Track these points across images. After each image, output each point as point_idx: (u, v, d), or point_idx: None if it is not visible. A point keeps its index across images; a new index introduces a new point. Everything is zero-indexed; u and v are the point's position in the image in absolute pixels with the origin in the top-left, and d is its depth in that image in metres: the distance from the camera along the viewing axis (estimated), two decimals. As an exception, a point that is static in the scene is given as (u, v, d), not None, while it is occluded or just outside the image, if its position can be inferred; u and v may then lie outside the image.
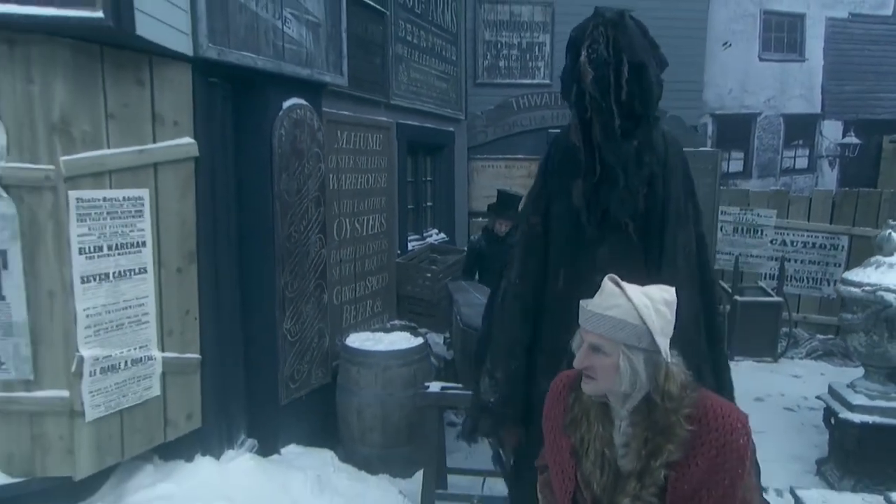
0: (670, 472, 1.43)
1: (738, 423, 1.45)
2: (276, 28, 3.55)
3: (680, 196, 2.31)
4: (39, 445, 2.75)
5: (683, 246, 2.29)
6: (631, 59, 2.19)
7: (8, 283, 2.63)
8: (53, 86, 2.54)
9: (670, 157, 2.32)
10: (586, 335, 1.51)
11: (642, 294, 1.48)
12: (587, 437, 1.56)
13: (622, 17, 2.25)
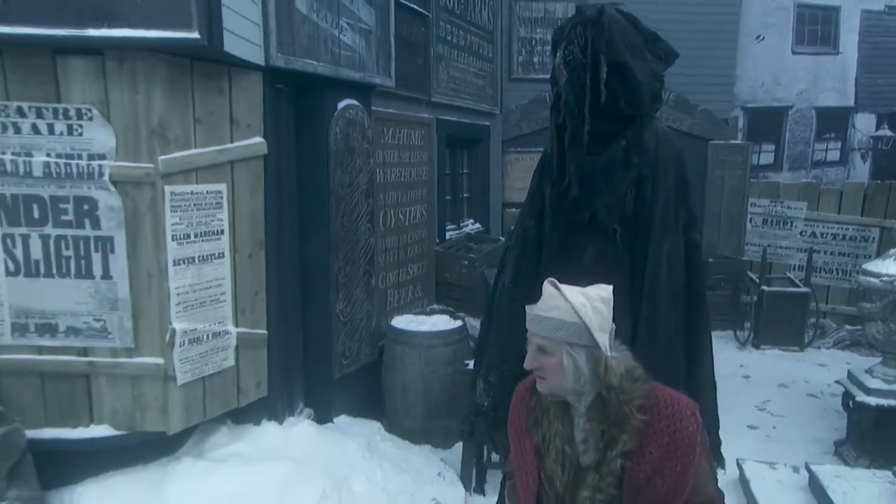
0: (626, 462, 1.48)
1: (686, 411, 1.51)
2: (333, 36, 3.90)
3: (669, 201, 2.22)
4: (139, 404, 3.20)
5: (668, 255, 2.19)
6: (610, 60, 2.13)
7: (114, 266, 3.07)
8: (153, 95, 2.94)
9: (661, 157, 2.22)
10: (532, 337, 1.56)
11: (580, 294, 1.53)
12: (548, 436, 1.60)
13: (600, 14, 2.18)
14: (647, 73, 2.21)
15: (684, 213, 2.28)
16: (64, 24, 2.71)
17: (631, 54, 2.18)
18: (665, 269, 2.21)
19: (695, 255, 2.31)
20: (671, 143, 2.29)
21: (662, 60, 2.36)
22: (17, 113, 2.90)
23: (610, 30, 2.18)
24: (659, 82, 2.30)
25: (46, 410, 3.17)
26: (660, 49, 2.34)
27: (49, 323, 3.10)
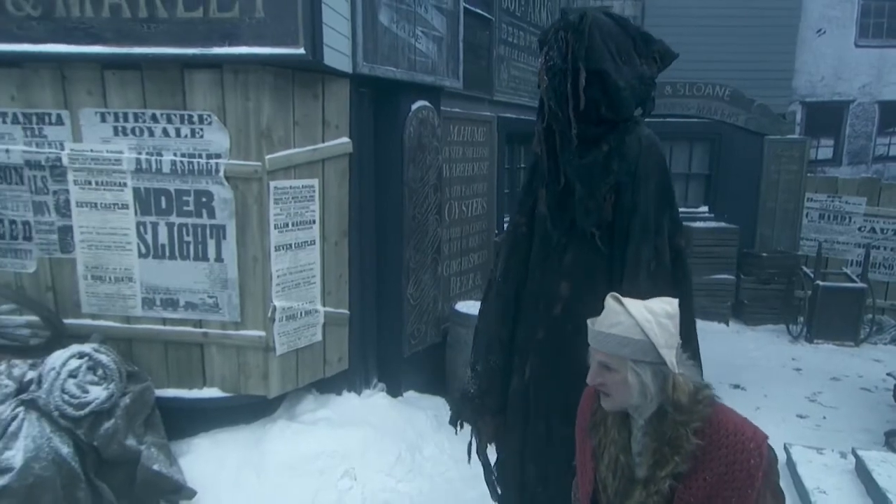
0: (676, 484, 1.44)
1: (750, 444, 1.43)
2: (409, 44, 4.28)
3: (649, 207, 2.17)
4: (243, 371, 3.68)
5: (647, 261, 2.16)
6: (589, 67, 2.09)
7: (225, 250, 3.55)
8: (262, 102, 3.39)
9: (642, 164, 2.18)
10: (595, 353, 1.52)
11: (644, 309, 1.48)
12: (604, 442, 1.59)
13: (581, 20, 2.15)
14: (632, 78, 2.16)
15: (668, 221, 2.21)
16: (193, 45, 3.18)
17: (615, 60, 2.14)
18: (644, 274, 2.15)
19: (679, 262, 2.24)
20: (655, 150, 2.22)
21: (657, 62, 2.30)
22: (152, 119, 3.40)
23: (591, 36, 2.12)
24: (647, 86, 2.23)
25: (168, 373, 3.69)
26: (653, 51, 2.28)
27: (172, 298, 3.61)
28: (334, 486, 3.65)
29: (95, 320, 3.64)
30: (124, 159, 3.44)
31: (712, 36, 8.06)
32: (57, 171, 3.48)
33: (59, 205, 3.54)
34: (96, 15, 3.16)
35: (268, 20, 3.17)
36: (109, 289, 3.61)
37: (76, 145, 3.44)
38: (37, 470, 2.86)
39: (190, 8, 3.17)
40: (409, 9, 4.19)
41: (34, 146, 3.46)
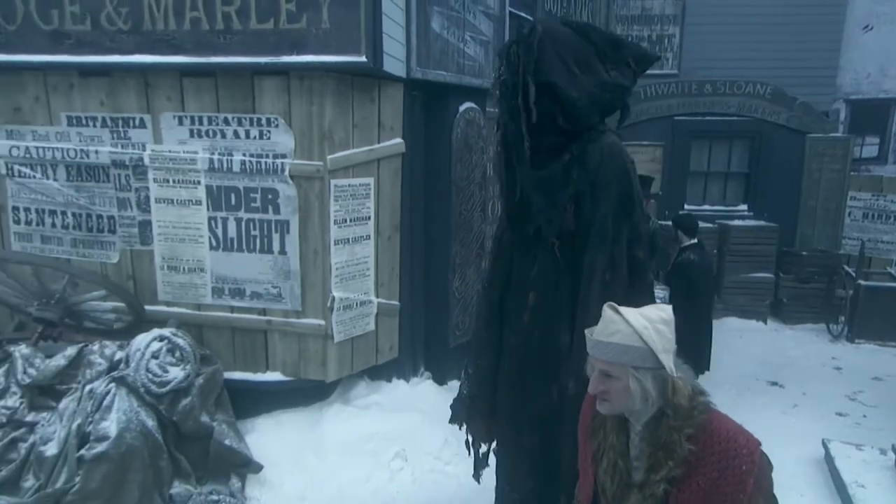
0: (671, 489, 1.48)
1: (743, 450, 1.46)
2: (459, 49, 4.48)
3: (607, 216, 2.15)
4: (303, 357, 3.95)
5: (602, 271, 2.14)
6: (538, 80, 2.08)
7: (289, 243, 3.82)
8: (325, 106, 3.64)
9: (602, 173, 2.16)
10: (595, 362, 1.56)
11: (640, 316, 1.53)
12: (603, 446, 1.63)
13: (530, 34, 2.15)
14: (593, 87, 2.14)
15: (627, 230, 2.17)
16: (264, 54, 3.44)
17: (570, 70, 2.11)
18: (598, 285, 2.13)
19: (639, 272, 2.20)
20: (617, 158, 2.19)
21: (631, 67, 2.26)
22: (224, 122, 3.69)
23: (541, 48, 2.11)
24: (613, 93, 2.19)
25: (235, 357, 3.99)
26: (625, 56, 2.24)
27: (239, 288, 3.90)
28: (387, 466, 3.89)
29: (170, 307, 3.96)
30: (199, 159, 3.73)
31: (754, 34, 8.05)
32: (139, 170, 3.80)
33: (140, 201, 3.86)
34: (178, 28, 3.45)
35: (333, 30, 3.41)
36: (183, 278, 3.93)
37: (156, 146, 3.76)
38: (128, 439, 3.17)
39: (262, 20, 3.43)
40: (458, 15, 4.40)
41: (119, 147, 3.78)
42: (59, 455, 3.08)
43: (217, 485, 3.57)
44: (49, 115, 3.78)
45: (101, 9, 3.47)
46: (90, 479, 3.04)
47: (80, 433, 3.14)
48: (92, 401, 3.26)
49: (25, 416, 3.19)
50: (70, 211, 3.91)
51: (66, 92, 3.73)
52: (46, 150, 3.82)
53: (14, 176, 3.87)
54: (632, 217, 2.19)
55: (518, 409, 2.48)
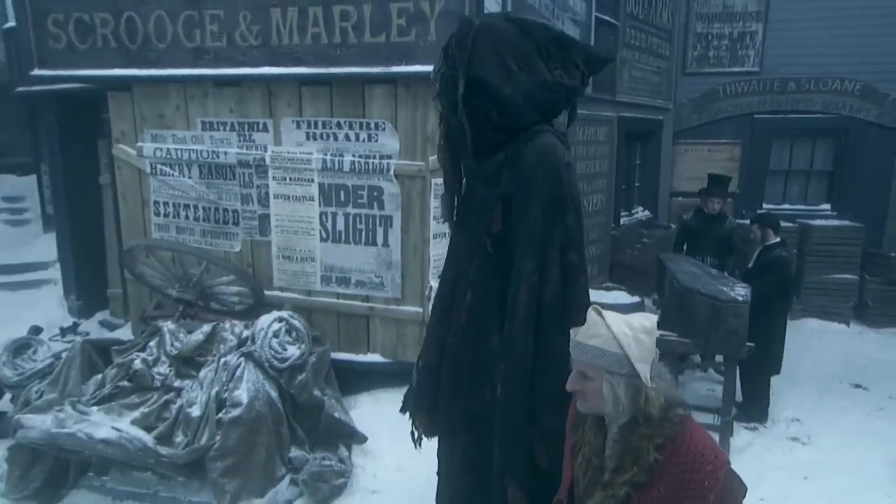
0: (634, 493, 1.52)
1: (707, 466, 1.48)
2: (547, 55, 4.72)
3: (537, 220, 2.06)
4: (401, 341, 4.32)
5: (529, 274, 2.07)
6: (470, 75, 2.05)
7: (391, 237, 4.18)
8: (428, 112, 3.97)
9: (532, 174, 2.07)
10: (574, 362, 1.59)
11: (623, 323, 1.53)
12: (580, 442, 1.67)
13: (467, 28, 2.12)
14: (530, 85, 2.07)
15: (560, 234, 2.08)
16: (376, 64, 3.81)
17: (506, 67, 2.05)
18: (524, 290, 2.07)
19: (571, 278, 2.11)
20: (549, 160, 2.07)
21: (579, 67, 2.18)
22: (337, 126, 4.09)
23: (476, 43, 2.08)
24: (552, 93, 2.12)
25: (340, 339, 4.41)
26: (572, 55, 2.16)
27: (345, 276, 4.31)
28: (476, 444, 4.20)
29: (283, 292, 4.41)
30: (313, 159, 4.15)
31: (841, 28, 7.82)
32: (261, 169, 4.26)
33: (261, 197, 4.32)
34: (301, 42, 3.87)
35: (439, 42, 3.70)
36: (295, 267, 4.37)
37: (276, 148, 4.20)
38: (257, 406, 3.61)
39: (375, 34, 3.80)
40: (547, 22, 4.63)
41: (245, 149, 4.25)
42: (202, 417, 3.56)
43: (327, 452, 3.98)
44: (187, 120, 4.30)
45: (235, 27, 3.93)
46: (228, 439, 3.49)
47: (217, 399, 3.61)
48: (226, 372, 3.73)
49: (174, 381, 3.69)
50: (201, 205, 4.43)
51: (202, 100, 4.23)
52: (183, 152, 4.34)
53: (156, 174, 4.42)
54: (564, 220, 2.09)
55: (453, 408, 2.46)
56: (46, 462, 3.53)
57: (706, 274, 5.15)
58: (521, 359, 2.11)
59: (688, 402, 1.63)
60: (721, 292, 4.44)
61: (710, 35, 7.90)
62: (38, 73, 4.25)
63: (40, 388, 3.90)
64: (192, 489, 3.62)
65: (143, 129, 4.41)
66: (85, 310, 6.24)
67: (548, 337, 2.10)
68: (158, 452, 3.37)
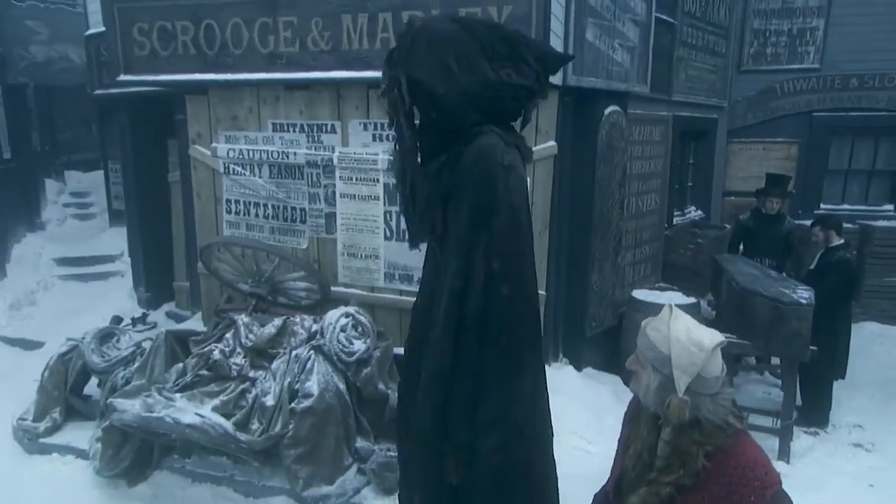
0: (678, 495, 1.58)
1: (755, 482, 1.52)
2: (608, 56, 4.74)
3: (464, 222, 2.01)
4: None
5: (453, 277, 2.01)
6: (408, 75, 2.04)
7: (454, 236, 4.28)
8: (492, 114, 4.05)
9: (467, 177, 2.03)
10: (637, 343, 1.70)
11: (684, 329, 1.60)
12: (633, 436, 1.74)
13: (408, 28, 2.11)
14: (471, 85, 2.03)
15: (485, 239, 2.00)
16: (444, 68, 3.90)
17: (446, 67, 2.02)
18: (447, 295, 2.02)
19: (492, 286, 2.00)
20: (484, 162, 2.01)
21: (531, 65, 2.13)
22: (403, 128, 4.20)
23: (415, 44, 2.05)
24: (496, 92, 2.06)
25: (401, 335, 4.52)
26: (522, 54, 2.11)
27: (408, 274, 4.43)
28: (535, 440, 4.28)
29: (348, 289, 4.57)
30: (379, 160, 4.29)
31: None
32: (328, 169, 4.42)
33: (328, 196, 4.48)
34: (370, 47, 4.00)
35: (506, 46, 3.81)
36: (360, 264, 4.52)
37: (344, 149, 4.35)
38: (327, 398, 3.77)
39: (443, 39, 3.89)
40: (609, 24, 4.65)
41: (313, 149, 4.42)
42: (276, 406, 3.74)
43: (391, 444, 4.12)
44: (259, 122, 4.49)
45: (307, 33, 4.08)
46: (300, 428, 3.66)
47: (290, 389, 3.78)
48: (297, 364, 3.90)
49: (248, 372, 3.88)
50: (270, 203, 4.62)
51: (273, 103, 4.41)
52: (255, 152, 4.54)
53: (229, 173, 4.63)
54: (492, 225, 2.00)
55: (404, 410, 2.44)
56: (134, 443, 3.77)
57: (765, 275, 5.11)
58: (436, 367, 2.02)
59: (743, 417, 1.64)
60: (783, 294, 4.41)
61: (768, 31, 7.74)
62: (124, 78, 4.50)
63: (125, 375, 4.16)
64: (266, 474, 3.82)
65: (217, 131, 4.62)
66: (153, 301, 6.57)
67: (466, 347, 2.01)
68: (238, 438, 3.56)
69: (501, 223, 2.01)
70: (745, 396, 5.29)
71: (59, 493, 3.79)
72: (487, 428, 2.03)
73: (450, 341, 2.02)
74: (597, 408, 4.65)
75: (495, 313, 2.01)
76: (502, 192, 2.01)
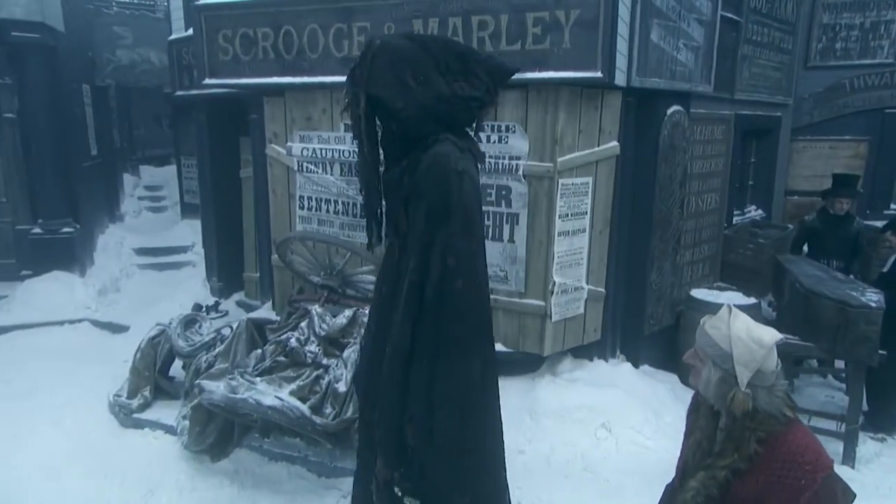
0: (733, 478, 1.70)
1: (807, 466, 1.62)
2: (672, 56, 4.76)
3: (421, 223, 2.24)
4: (523, 332, 4.56)
5: (412, 272, 2.25)
6: (369, 92, 2.25)
7: (517, 234, 4.42)
8: (557, 115, 4.16)
9: (421, 181, 2.25)
10: (696, 342, 1.81)
11: (744, 328, 1.71)
12: (694, 426, 1.86)
13: (368, 47, 2.31)
14: (427, 98, 2.24)
15: (442, 238, 2.22)
16: (511, 71, 4.03)
17: (403, 83, 2.23)
18: (406, 285, 2.27)
19: (447, 282, 2.24)
20: (438, 167, 2.23)
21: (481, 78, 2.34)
22: (470, 129, 4.36)
23: (374, 62, 2.26)
24: (450, 104, 2.28)
25: (464, 328, 4.70)
26: (475, 69, 2.33)
27: (471, 269, 4.59)
28: (593, 435, 4.38)
29: (412, 282, 4.76)
30: (445, 160, 4.44)
31: None
32: (396, 169, 4.60)
33: (395, 193, 4.68)
34: (440, 51, 4.15)
35: (573, 50, 3.91)
36: (424, 259, 4.70)
37: (412, 149, 4.53)
38: (396, 386, 3.98)
39: (511, 42, 4.03)
40: (674, 25, 4.67)
41: (383, 149, 4.61)
42: (347, 392, 3.96)
43: (453, 431, 4.31)
44: (332, 123, 4.72)
45: (381, 38, 4.27)
46: (371, 413, 3.89)
47: (361, 377, 4.01)
48: (367, 353, 4.12)
49: (322, 359, 4.12)
50: (341, 200, 4.85)
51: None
52: (327, 151, 4.78)
53: (302, 171, 4.89)
54: (447, 225, 2.22)
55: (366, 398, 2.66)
56: (218, 422, 4.07)
57: (832, 277, 5.03)
58: (397, 347, 2.29)
59: (797, 410, 1.76)
60: (851, 297, 4.36)
61: (838, 26, 7.51)
62: (209, 81, 4.82)
63: (207, 358, 4.47)
64: (337, 456, 4.06)
65: (292, 131, 4.89)
66: (225, 291, 6.95)
67: (423, 332, 2.27)
68: (313, 421, 3.80)
69: (455, 223, 2.24)
70: (807, 399, 5.23)
71: (152, 463, 4.14)
72: (441, 403, 2.28)
73: (409, 326, 2.28)
74: (655, 405, 4.70)
75: (449, 304, 2.25)
76: (456, 196, 2.23)
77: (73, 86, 8.22)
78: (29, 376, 5.38)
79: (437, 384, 2.27)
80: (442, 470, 2.38)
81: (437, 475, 2.38)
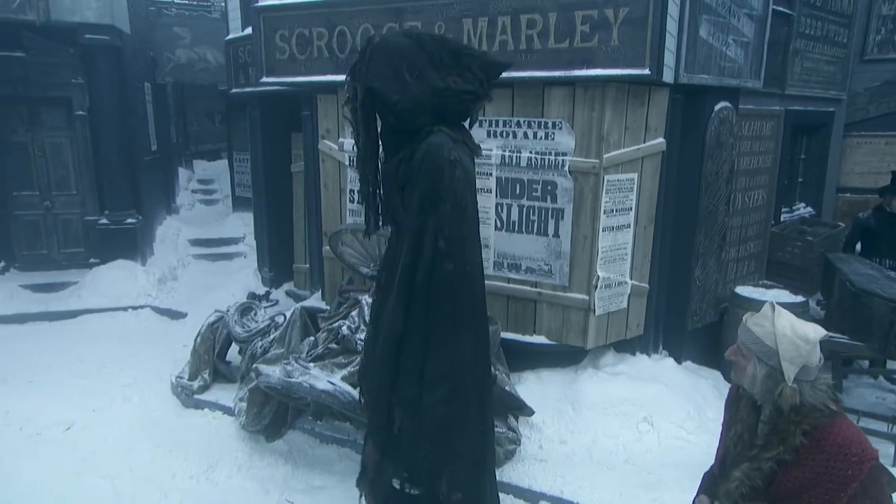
0: (778, 469, 1.73)
1: (853, 457, 1.65)
2: (721, 52, 4.74)
3: (414, 208, 2.37)
4: (566, 325, 4.64)
5: (404, 256, 2.39)
6: (367, 86, 2.38)
7: (562, 228, 4.50)
8: (604, 112, 4.21)
9: (415, 169, 2.38)
10: (739, 338, 1.85)
11: (789, 324, 1.75)
12: (735, 418, 1.90)
13: (367, 44, 2.45)
14: (421, 92, 2.36)
15: (434, 223, 2.36)
16: (557, 68, 4.11)
17: (399, 77, 2.35)
18: (400, 269, 2.40)
19: (438, 262, 2.36)
20: (431, 157, 2.37)
21: (475, 73, 2.46)
22: (516, 125, 4.46)
23: (372, 57, 2.38)
24: (443, 98, 2.39)
25: (508, 320, 4.82)
26: (468, 63, 2.44)
27: (516, 263, 4.70)
28: (635, 428, 4.44)
29: (458, 275, 4.89)
30: (493, 155, 4.56)
31: None
32: (444, 164, 4.73)
33: (443, 188, 4.81)
34: (489, 49, 4.26)
35: (621, 48, 3.96)
36: (470, 252, 4.82)
37: (459, 145, 4.65)
38: (442, 374, 4.13)
39: (559, 41, 4.10)
40: (724, 21, 4.65)
41: (431, 145, 4.75)
42: (396, 379, 4.14)
43: (497, 421, 4.43)
44: (382, 120, 4.88)
45: (431, 37, 4.40)
46: (418, 400, 4.04)
47: (409, 365, 4.17)
48: (415, 342, 4.28)
49: (372, 347, 4.30)
50: (389, 194, 5.02)
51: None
52: (377, 147, 4.94)
53: (353, 166, 5.07)
54: (438, 210, 2.35)
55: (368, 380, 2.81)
56: (273, 404, 4.30)
57: (885, 276, 4.93)
58: (389, 330, 2.40)
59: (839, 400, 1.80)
60: (905, 297, 4.28)
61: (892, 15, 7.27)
62: (266, 79, 5.05)
63: (262, 344, 4.71)
64: (385, 440, 4.23)
65: (344, 127, 5.07)
66: (275, 281, 7.24)
67: (414, 313, 2.39)
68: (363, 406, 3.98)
69: (447, 209, 2.37)
70: (857, 400, 5.15)
71: (212, 441, 4.40)
72: (433, 384, 2.39)
73: (401, 309, 2.39)
74: (697, 400, 4.72)
75: (440, 285, 2.38)
76: (448, 183, 2.37)
77: (137, 84, 8.67)
78: (98, 357, 5.76)
79: (428, 363, 2.39)
80: (427, 449, 2.50)
81: (421, 454, 2.51)
